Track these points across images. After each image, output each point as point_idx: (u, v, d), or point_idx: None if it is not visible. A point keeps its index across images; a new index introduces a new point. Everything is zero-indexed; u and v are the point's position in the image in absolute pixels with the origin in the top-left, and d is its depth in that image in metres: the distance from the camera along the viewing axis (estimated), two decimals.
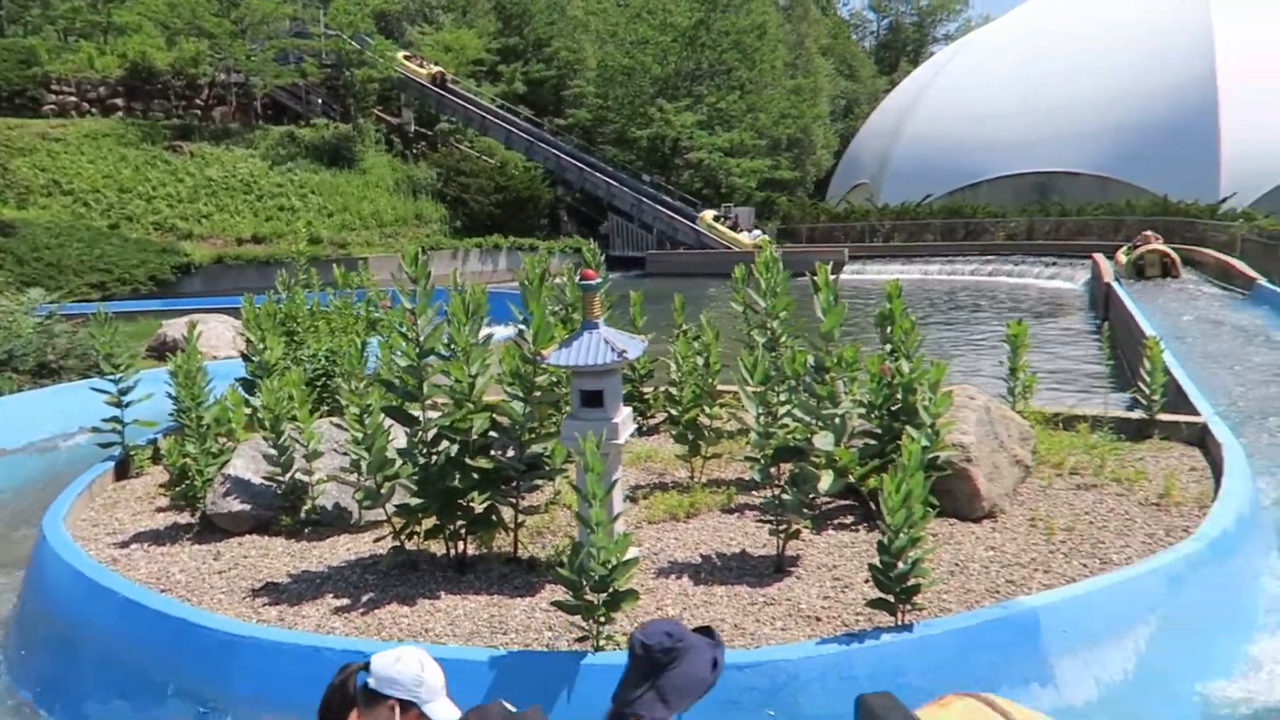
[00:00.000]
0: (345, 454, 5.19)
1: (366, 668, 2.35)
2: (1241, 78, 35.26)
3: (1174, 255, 24.29)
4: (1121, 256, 25.25)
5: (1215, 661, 4.44)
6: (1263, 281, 19.39)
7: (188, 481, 5.84)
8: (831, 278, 4.99)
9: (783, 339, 5.13)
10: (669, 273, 36.05)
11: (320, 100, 41.63)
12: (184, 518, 5.87)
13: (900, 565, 3.78)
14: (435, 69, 42.16)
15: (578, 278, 4.67)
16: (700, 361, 6.20)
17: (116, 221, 29.88)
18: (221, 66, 37.83)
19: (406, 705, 2.31)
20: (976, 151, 41.01)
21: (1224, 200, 31.92)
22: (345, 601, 4.51)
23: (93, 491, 6.49)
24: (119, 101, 37.14)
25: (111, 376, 6.72)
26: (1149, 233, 26.05)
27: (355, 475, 4.93)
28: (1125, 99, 37.56)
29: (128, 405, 6.84)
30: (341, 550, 5.23)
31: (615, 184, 40.90)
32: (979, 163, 40.93)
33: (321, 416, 6.61)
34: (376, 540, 5.20)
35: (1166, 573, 4.45)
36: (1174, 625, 4.30)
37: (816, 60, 56.98)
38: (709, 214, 39.17)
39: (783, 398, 4.79)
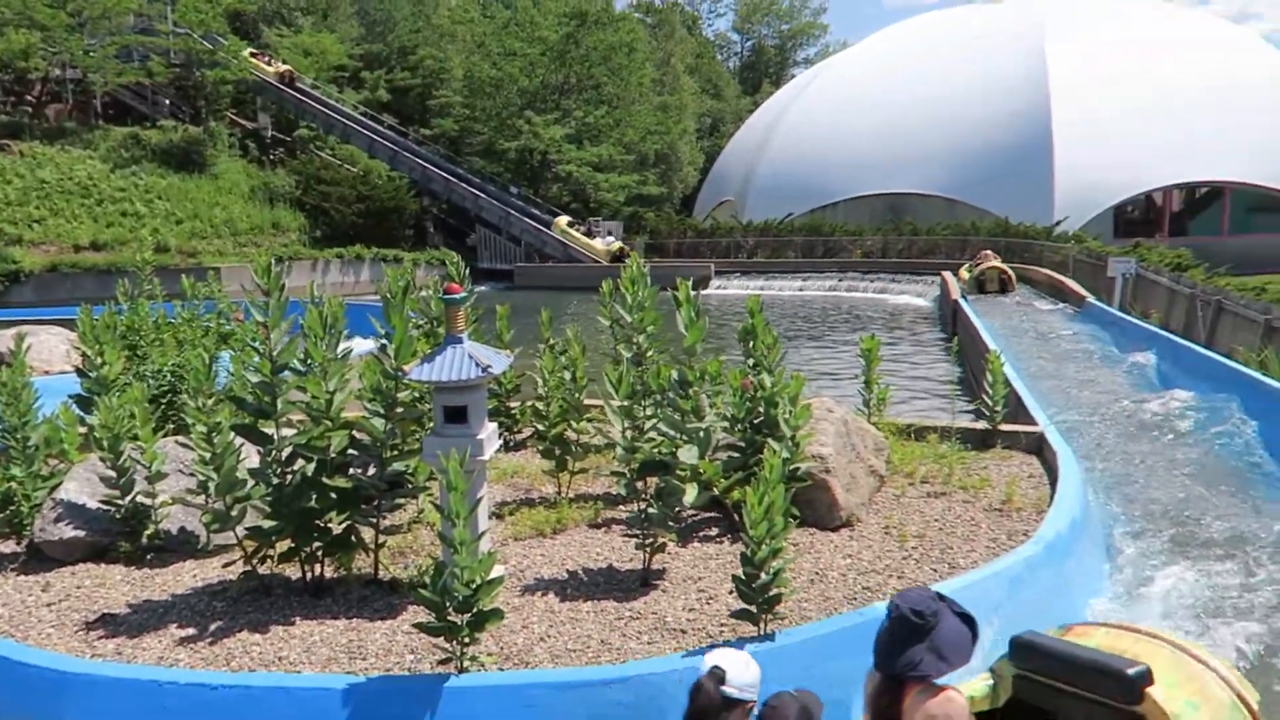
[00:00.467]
0: (192, 475, 4.92)
1: (719, 680, 2.44)
2: (1072, 110, 38.07)
3: (1010, 272, 26.41)
4: (964, 273, 27.22)
5: None
6: (1092, 299, 20.89)
7: (13, 507, 5.40)
8: (694, 293, 5.06)
9: (649, 353, 5.17)
10: (537, 286, 35.93)
11: (168, 101, 39.58)
12: (8, 546, 5.43)
13: (762, 576, 3.86)
14: (284, 67, 40.58)
15: (442, 291, 4.59)
16: (567, 376, 6.18)
17: None
18: (56, 61, 35.43)
19: (750, 704, 2.47)
20: (834, 172, 42.68)
21: (1058, 223, 34.28)
22: (191, 631, 4.26)
23: None
24: None
25: None
26: (988, 251, 28.23)
27: (203, 497, 4.68)
28: (970, 127, 39.93)
29: None
30: (187, 577, 4.95)
31: (483, 196, 40.51)
32: (837, 183, 42.59)
33: (166, 435, 6.25)
34: (226, 565, 4.94)
35: (1008, 575, 4.71)
36: (1014, 624, 4.54)
37: (682, 78, 58.03)
38: (564, 219, 39.83)
39: (648, 412, 4.83)
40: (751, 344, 5.61)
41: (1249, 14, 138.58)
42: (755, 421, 5.46)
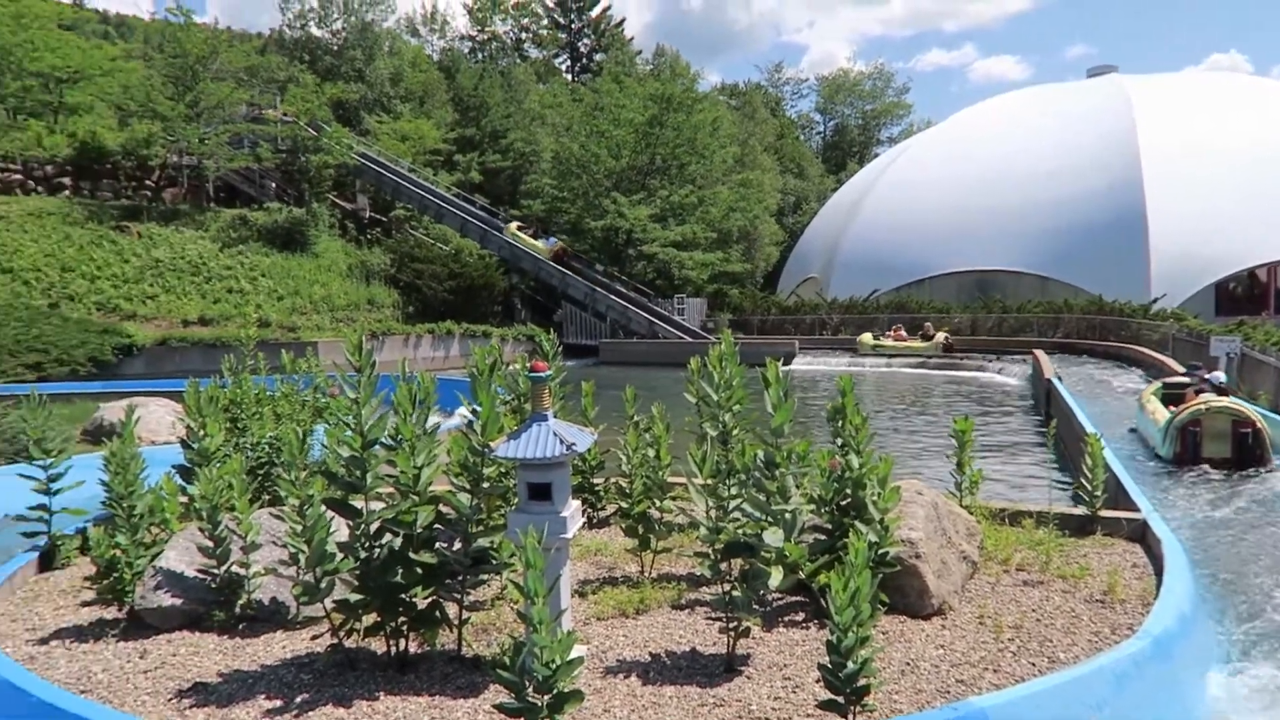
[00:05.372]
0: (284, 546, 5.03)
1: None
2: (1166, 186, 37.20)
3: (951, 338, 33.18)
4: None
5: None
6: None
7: (116, 574, 5.59)
8: (783, 370, 5.03)
9: (735, 432, 5.13)
10: (622, 361, 36.26)
11: (274, 184, 41.76)
12: (110, 613, 5.60)
13: (850, 665, 3.73)
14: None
15: (528, 369, 4.66)
16: (651, 453, 6.17)
17: (57, 301, 29.28)
18: (174, 149, 37.88)
19: None
20: (921, 249, 42.35)
21: (1155, 300, 33.22)
22: (278, 703, 4.30)
23: (14, 584, 6.19)
24: (66, 181, 36.90)
25: (40, 462, 6.48)
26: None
27: (294, 569, 4.77)
28: (1061, 203, 39.32)
29: (57, 492, 6.58)
30: (277, 648, 5.02)
31: (569, 273, 41.32)
32: (923, 260, 42.22)
33: (262, 506, 6.43)
34: (314, 638, 5.01)
35: (1113, 671, 4.45)
36: None
37: (762, 157, 58.79)
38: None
39: (733, 492, 4.77)
40: (840, 424, 5.52)
41: None
42: (842, 504, 5.35)
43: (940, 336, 32.70)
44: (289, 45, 55.04)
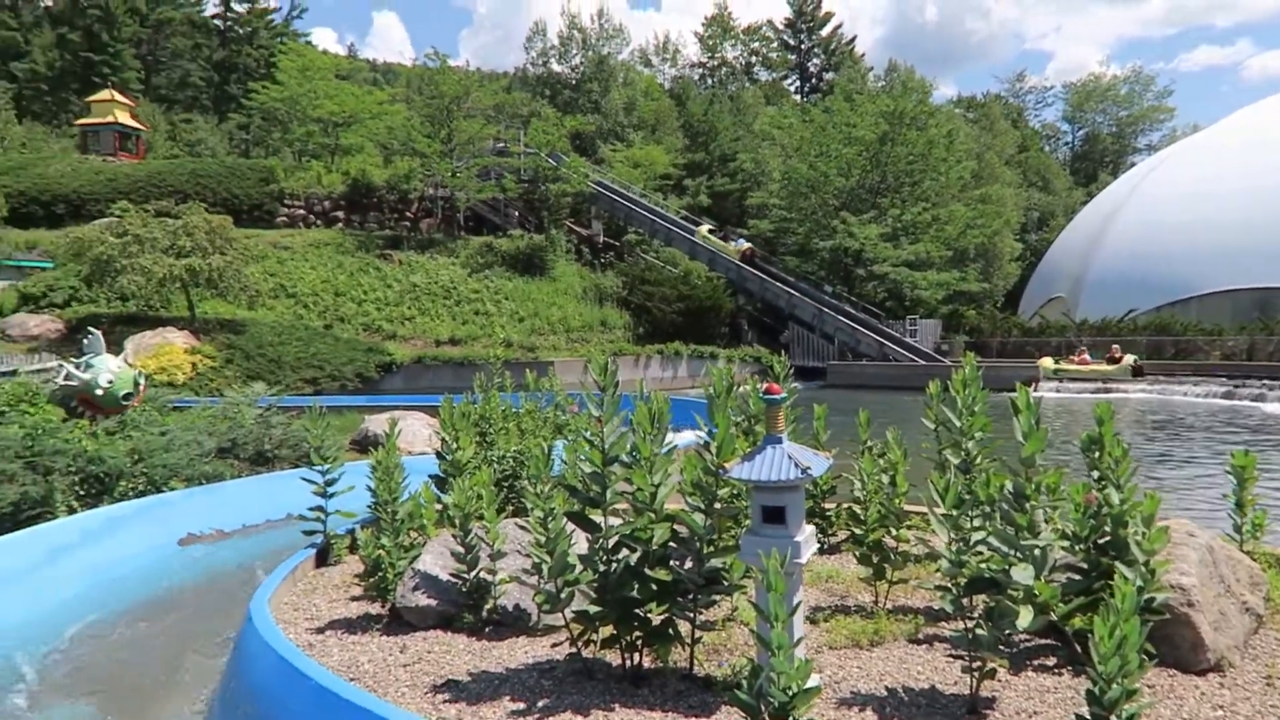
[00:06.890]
0: (527, 556, 5.29)
1: None
2: None
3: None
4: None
5: None
6: None
7: (380, 573, 6.10)
8: (1035, 396, 4.74)
9: (978, 461, 4.87)
10: (850, 384, 35.49)
11: (517, 213, 44.42)
12: (375, 608, 6.11)
13: (1113, 719, 3.42)
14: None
15: (763, 391, 4.66)
16: (886, 479, 5.98)
17: (330, 322, 32.56)
18: (430, 183, 41.21)
19: None
20: (1186, 265, 38.61)
21: None
22: (521, 706, 4.52)
23: (295, 577, 6.88)
24: (340, 214, 41.03)
25: (319, 468, 7.19)
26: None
27: (536, 578, 5.00)
28: None
29: (332, 495, 7.27)
30: (520, 652, 5.28)
31: (796, 294, 41.01)
32: (1189, 277, 38.46)
33: (507, 517, 6.79)
34: (554, 645, 5.22)
35: None
36: None
37: (1001, 170, 55.83)
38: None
39: (976, 524, 4.53)
40: (1097, 455, 5.10)
41: None
42: (1100, 542, 4.93)
43: (1128, 359, 30.49)
44: (532, 82, 58.61)
